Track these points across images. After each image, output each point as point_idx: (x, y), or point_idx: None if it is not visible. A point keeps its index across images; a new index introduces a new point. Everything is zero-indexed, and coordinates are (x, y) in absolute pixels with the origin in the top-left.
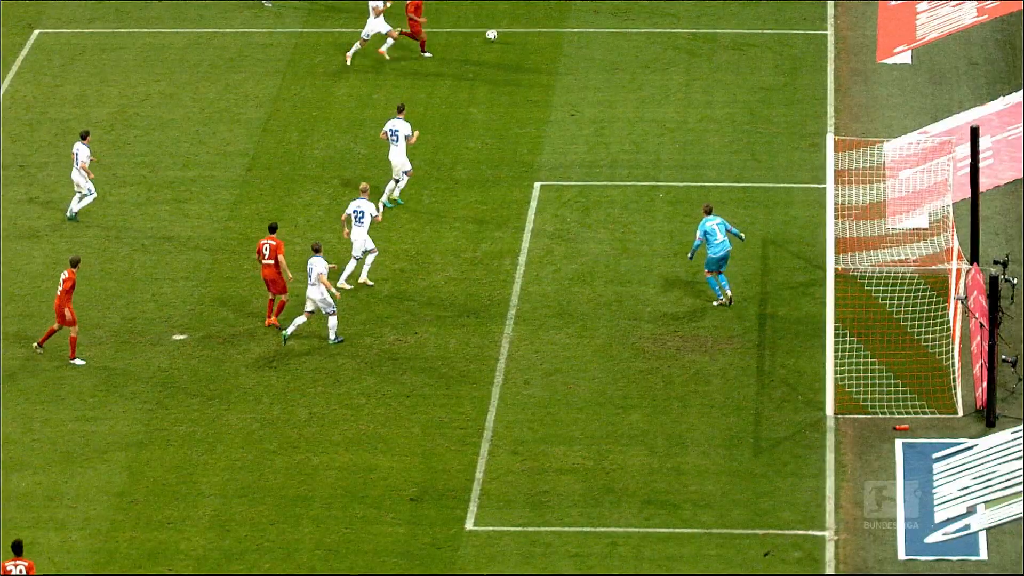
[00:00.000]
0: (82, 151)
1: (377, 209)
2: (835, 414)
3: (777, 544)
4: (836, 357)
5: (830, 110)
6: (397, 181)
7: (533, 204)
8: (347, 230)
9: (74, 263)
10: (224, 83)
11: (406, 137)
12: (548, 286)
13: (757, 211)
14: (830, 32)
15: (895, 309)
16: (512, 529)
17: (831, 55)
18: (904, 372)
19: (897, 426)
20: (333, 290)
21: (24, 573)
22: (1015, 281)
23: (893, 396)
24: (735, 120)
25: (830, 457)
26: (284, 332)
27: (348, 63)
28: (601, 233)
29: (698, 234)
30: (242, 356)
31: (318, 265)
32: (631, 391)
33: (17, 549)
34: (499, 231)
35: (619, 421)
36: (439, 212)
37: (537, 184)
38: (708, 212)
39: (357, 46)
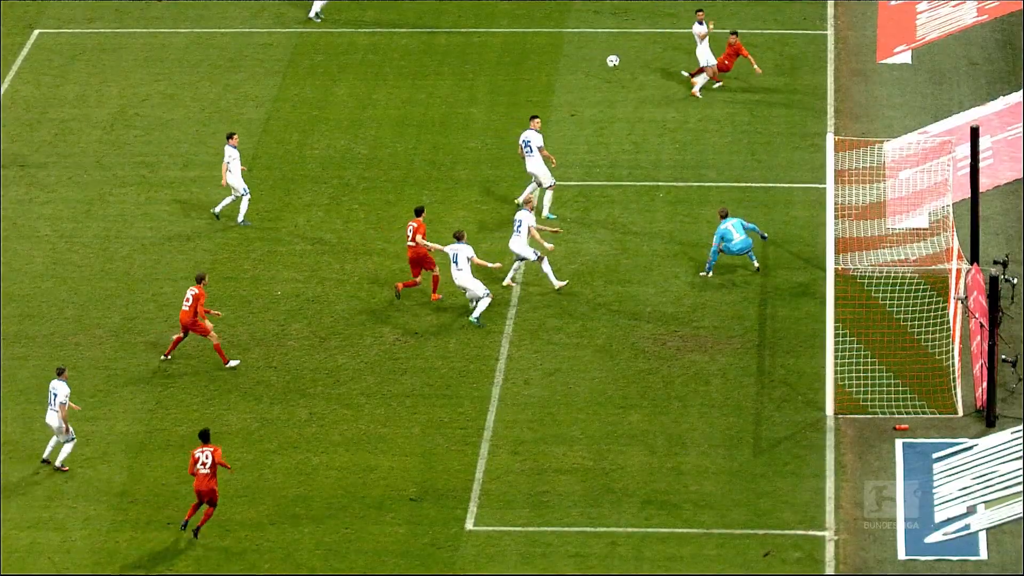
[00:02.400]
0: (233, 156)
1: (545, 223)
2: (835, 414)
3: (777, 544)
4: (836, 357)
5: (830, 110)
6: (546, 189)
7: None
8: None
9: (199, 279)
10: (224, 83)
11: (539, 148)
12: (548, 286)
13: (757, 211)
14: (830, 32)
15: (895, 309)
16: (512, 529)
17: (831, 55)
18: (904, 372)
19: (897, 426)
20: (489, 265)
21: (211, 459)
22: (1015, 281)
23: (893, 396)
24: (735, 120)
25: (830, 457)
26: (475, 319)
27: (698, 95)
28: (601, 233)
29: (714, 240)
30: (242, 356)
31: (464, 251)
32: (631, 391)
33: (204, 437)
34: (499, 231)
35: (619, 421)
36: (439, 212)
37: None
38: (724, 216)
39: (695, 77)
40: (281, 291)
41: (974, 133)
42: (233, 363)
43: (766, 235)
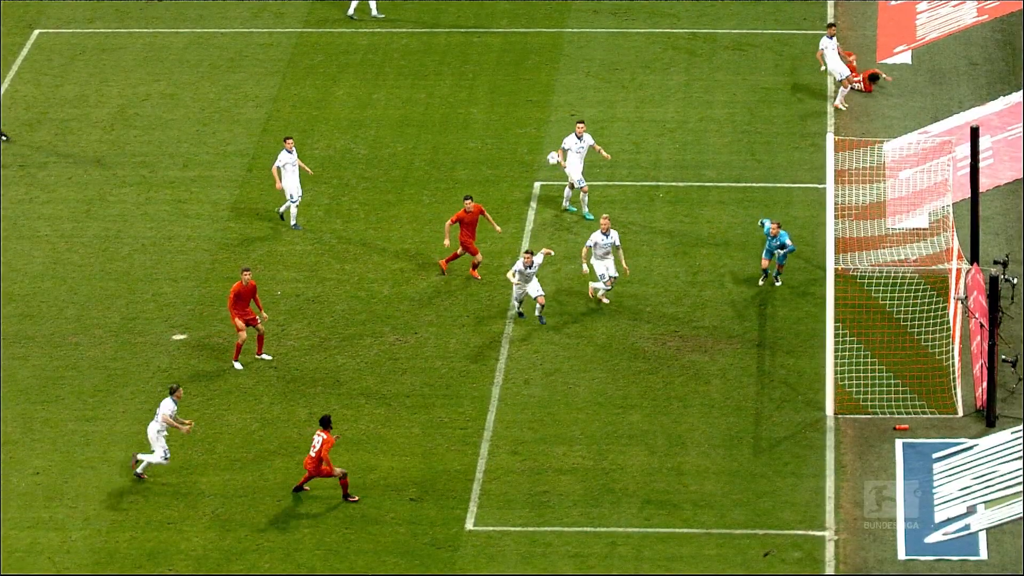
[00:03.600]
0: (286, 160)
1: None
2: (835, 414)
3: (777, 544)
4: (836, 357)
5: (830, 110)
6: (581, 192)
7: (533, 204)
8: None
9: (324, 424)
10: (224, 83)
11: (574, 150)
12: (548, 286)
13: (757, 211)
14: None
15: (895, 309)
16: (512, 529)
17: None
18: (904, 372)
19: (897, 426)
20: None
21: (319, 446)
22: (1015, 281)
23: (893, 396)
24: (735, 120)
25: (830, 457)
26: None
27: (841, 107)
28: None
29: (773, 245)
30: (243, 356)
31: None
32: (631, 391)
33: (325, 423)
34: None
35: (619, 421)
36: (439, 212)
37: (537, 184)
38: (779, 227)
39: (843, 91)
40: (281, 291)
41: (974, 133)
42: (237, 365)
43: (787, 252)
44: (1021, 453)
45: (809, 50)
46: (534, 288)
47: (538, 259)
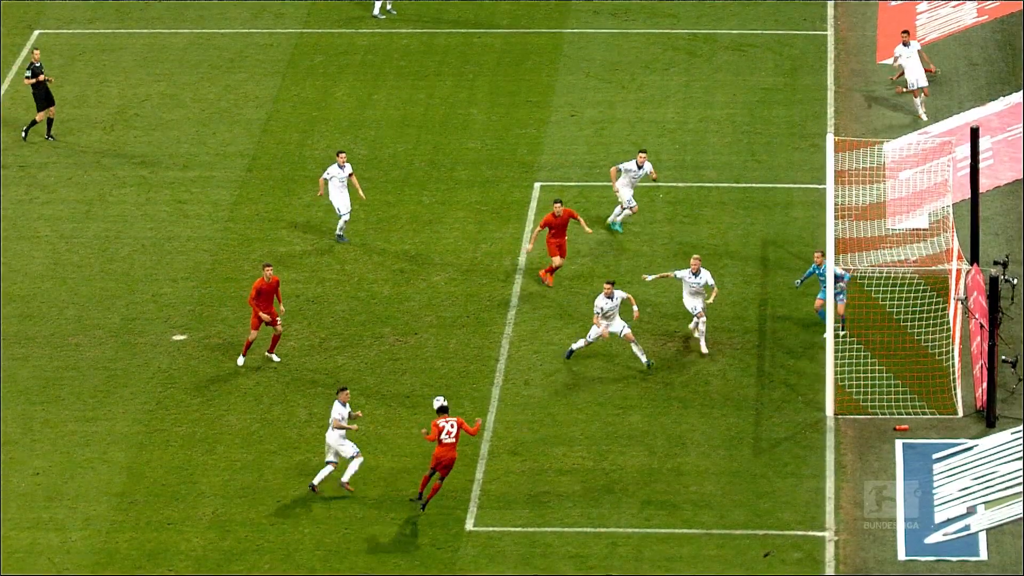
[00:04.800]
0: (334, 175)
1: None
2: (835, 414)
3: (777, 544)
4: (836, 357)
5: (830, 110)
6: (625, 209)
7: (533, 204)
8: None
9: (442, 409)
10: (224, 83)
11: (629, 174)
12: (544, 288)
13: (757, 211)
14: (830, 32)
15: (895, 309)
16: (512, 529)
17: (831, 55)
18: (904, 372)
19: (897, 426)
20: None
21: (456, 428)
22: (1015, 281)
23: (893, 396)
24: (735, 120)
25: (830, 457)
26: (636, 347)
27: (923, 118)
28: (601, 233)
29: (824, 278)
30: (251, 353)
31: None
32: (631, 391)
33: (444, 410)
34: (499, 231)
35: (619, 421)
36: (439, 212)
37: (537, 184)
38: (823, 256)
39: (920, 102)
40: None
41: (974, 133)
42: (239, 361)
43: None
44: (1021, 454)
45: (809, 50)
46: (618, 325)
47: (620, 293)
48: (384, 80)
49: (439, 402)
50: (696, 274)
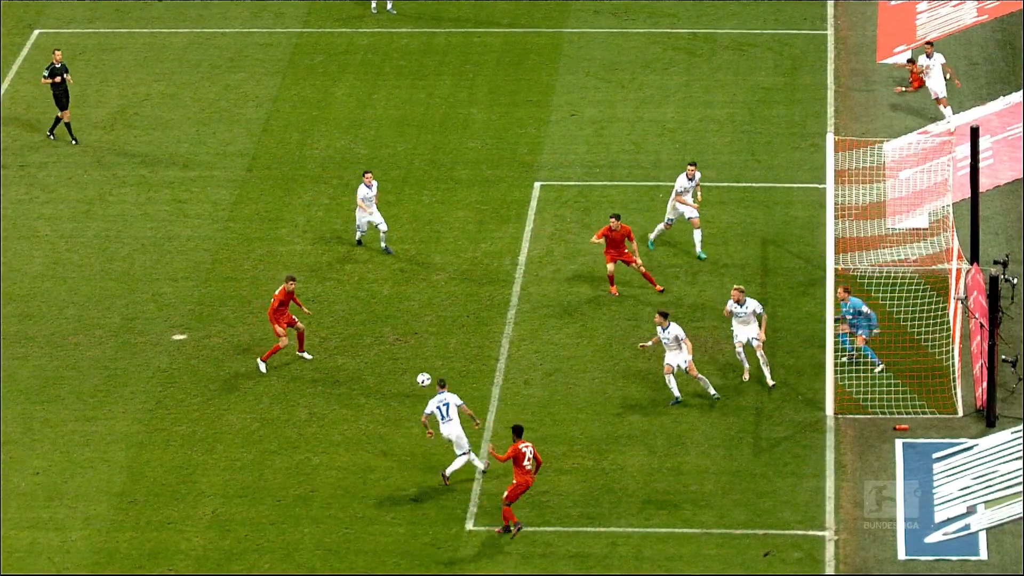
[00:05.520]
0: (363, 195)
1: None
2: (835, 414)
3: (777, 544)
4: (836, 357)
5: (830, 110)
6: (693, 228)
7: (533, 204)
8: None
9: (518, 431)
10: (224, 83)
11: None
12: (548, 286)
13: (757, 211)
14: (830, 32)
15: (895, 309)
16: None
17: (831, 55)
18: (904, 372)
19: (897, 426)
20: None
21: (532, 455)
22: (1015, 281)
23: (893, 396)
24: (735, 120)
25: (830, 457)
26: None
27: (951, 129)
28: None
29: (850, 313)
30: (242, 356)
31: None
32: (631, 391)
33: (520, 431)
34: (499, 231)
35: (619, 421)
36: (439, 212)
37: (537, 184)
38: (847, 292)
39: (945, 114)
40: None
41: (974, 133)
42: (262, 366)
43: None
44: (1021, 453)
45: (809, 50)
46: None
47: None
48: (384, 80)
49: (424, 379)
50: (740, 304)
